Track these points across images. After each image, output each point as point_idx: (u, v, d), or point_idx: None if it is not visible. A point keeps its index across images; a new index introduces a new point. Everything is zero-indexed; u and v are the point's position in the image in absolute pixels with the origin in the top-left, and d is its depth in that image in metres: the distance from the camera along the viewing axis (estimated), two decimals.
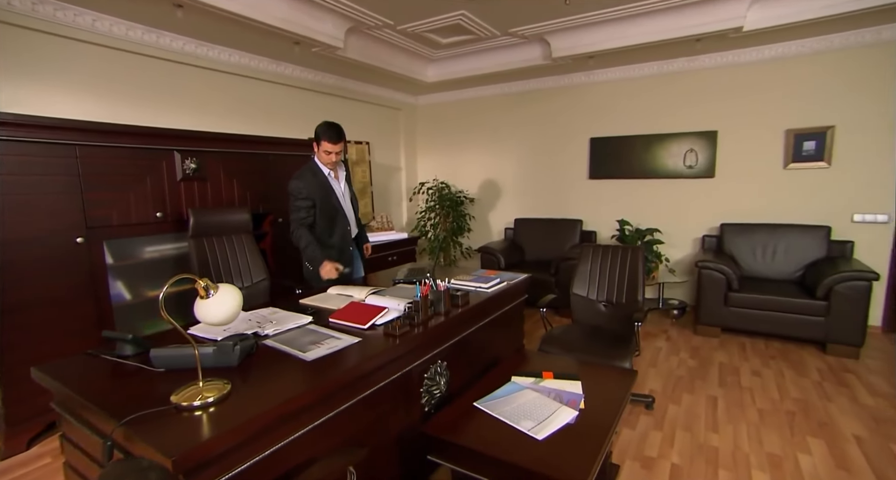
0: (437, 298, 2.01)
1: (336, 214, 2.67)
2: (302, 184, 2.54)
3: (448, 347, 2.00)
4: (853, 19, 3.35)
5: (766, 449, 2.19)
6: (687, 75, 4.32)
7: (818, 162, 3.89)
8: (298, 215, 2.55)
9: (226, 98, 3.77)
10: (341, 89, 4.79)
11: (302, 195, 2.53)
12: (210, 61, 3.59)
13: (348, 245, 2.76)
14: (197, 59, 3.51)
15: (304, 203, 2.54)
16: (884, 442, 2.23)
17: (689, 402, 2.66)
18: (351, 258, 2.82)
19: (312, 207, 2.56)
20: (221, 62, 3.67)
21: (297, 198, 2.54)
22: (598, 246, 2.89)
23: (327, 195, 2.61)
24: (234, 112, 3.82)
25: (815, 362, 3.20)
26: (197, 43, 3.46)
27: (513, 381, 1.93)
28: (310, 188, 2.54)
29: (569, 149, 5.00)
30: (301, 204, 2.54)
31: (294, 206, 2.55)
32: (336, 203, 2.67)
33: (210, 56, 3.58)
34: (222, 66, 3.68)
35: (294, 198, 2.54)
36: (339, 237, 2.69)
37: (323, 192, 2.59)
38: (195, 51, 3.48)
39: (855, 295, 3.16)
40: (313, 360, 1.46)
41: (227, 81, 3.76)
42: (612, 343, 2.47)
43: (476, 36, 4.08)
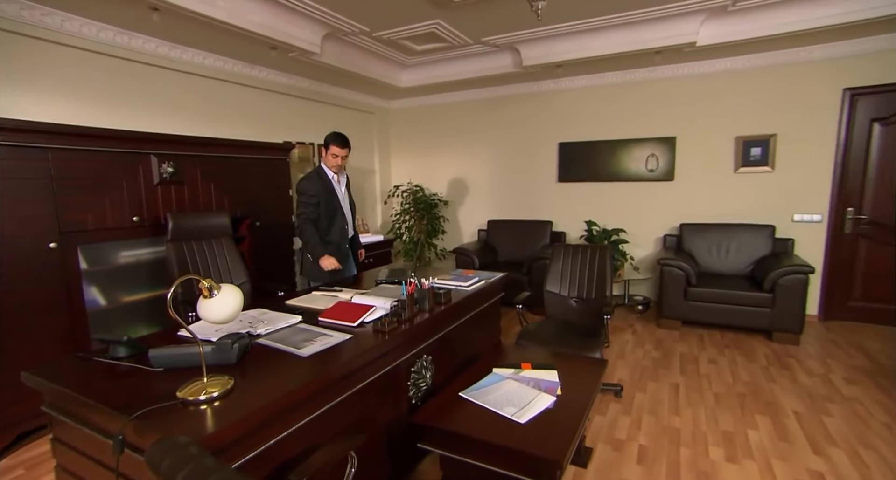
0: (421, 296, 2.11)
1: (336, 214, 2.94)
2: (310, 184, 2.83)
3: (433, 342, 2.11)
4: (789, 39, 3.69)
5: (721, 428, 2.41)
6: (648, 84, 4.60)
7: (763, 166, 4.23)
8: (305, 210, 2.81)
9: (201, 101, 3.74)
10: (316, 93, 4.82)
11: (310, 192, 2.82)
12: (184, 64, 3.57)
13: (344, 243, 3.03)
14: (171, 61, 3.48)
15: (311, 200, 2.82)
16: (817, 416, 2.51)
17: (653, 389, 2.87)
18: (346, 256, 3.06)
19: (317, 205, 2.84)
20: (195, 65, 3.65)
21: (306, 195, 2.82)
22: (568, 245, 3.07)
23: (330, 196, 2.89)
24: (210, 115, 3.80)
25: (762, 349, 3.49)
26: (170, 45, 3.43)
27: (494, 372, 2.05)
28: (316, 187, 2.83)
29: (538, 153, 5.21)
30: (308, 200, 2.81)
31: (301, 202, 2.82)
32: (337, 204, 2.95)
33: (184, 59, 3.55)
34: (196, 68, 3.66)
35: (303, 195, 2.82)
36: (338, 235, 2.96)
37: (326, 193, 2.87)
38: (168, 53, 3.45)
39: (795, 287, 3.48)
40: (310, 356, 1.54)
41: (201, 84, 3.74)
42: (583, 335, 2.64)
43: (450, 44, 4.21)
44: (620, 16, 3.56)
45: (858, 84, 3.84)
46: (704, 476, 2.04)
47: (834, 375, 3.01)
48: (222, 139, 3.38)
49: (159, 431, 1.09)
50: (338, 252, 2.92)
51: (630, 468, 2.10)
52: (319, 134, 4.92)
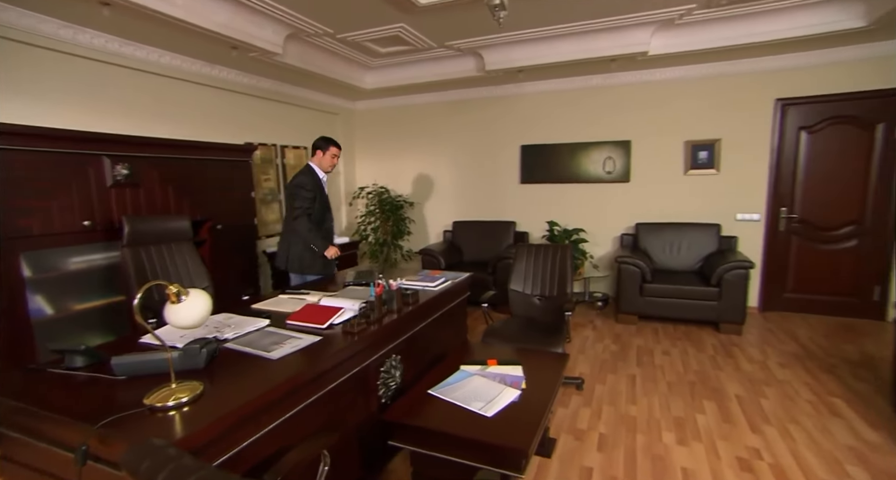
0: (389, 297, 2.15)
1: (325, 212, 3.14)
2: (307, 180, 2.99)
3: (401, 342, 2.15)
4: (730, 52, 3.97)
5: (672, 414, 2.58)
6: (605, 90, 4.81)
7: (710, 169, 4.53)
8: (303, 205, 2.95)
9: (157, 100, 3.60)
10: (278, 93, 4.74)
11: (308, 188, 2.97)
12: (137, 61, 3.43)
13: (331, 237, 3.24)
14: (123, 58, 3.34)
15: (309, 195, 2.97)
16: (755, 398, 2.74)
17: (612, 381, 3.02)
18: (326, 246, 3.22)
19: (314, 200, 3.00)
20: (150, 63, 3.51)
21: (305, 190, 2.96)
22: (531, 245, 3.19)
23: (321, 193, 3.10)
24: (167, 115, 3.66)
25: (710, 340, 3.74)
26: (122, 41, 3.29)
27: (462, 369, 2.12)
28: (312, 183, 3.00)
29: (502, 155, 5.33)
30: (307, 195, 2.96)
31: (300, 197, 2.95)
32: (326, 202, 3.17)
33: (138, 56, 3.41)
34: (152, 66, 3.52)
35: (302, 189, 2.96)
36: (326, 229, 3.16)
37: (319, 190, 3.07)
38: (120, 50, 3.30)
39: (738, 281, 3.75)
40: (279, 359, 1.55)
41: (158, 83, 3.60)
42: (546, 332, 2.76)
43: (414, 47, 4.25)
44: (578, 24, 3.73)
45: (788, 95, 4.18)
46: (658, 459, 2.19)
47: (770, 361, 3.27)
48: (182, 140, 3.28)
49: (128, 439, 1.08)
50: (320, 243, 3.07)
51: (591, 455, 2.22)
52: (282, 135, 4.86)
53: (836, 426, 2.43)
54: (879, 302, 4.13)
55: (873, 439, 2.32)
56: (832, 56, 3.97)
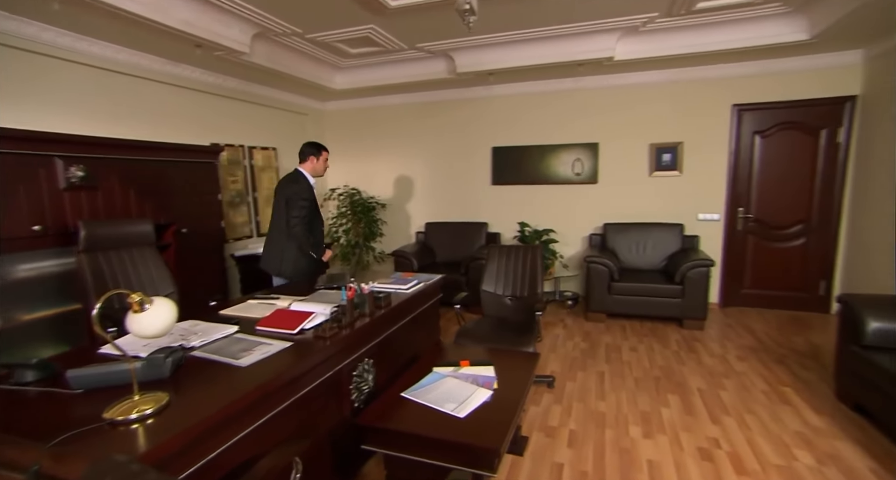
0: (361, 301, 2.14)
1: (316, 216, 3.12)
2: (303, 188, 2.99)
3: (374, 346, 2.15)
4: (690, 59, 4.14)
5: (639, 408, 2.67)
6: (573, 94, 4.92)
7: (673, 171, 4.71)
8: (301, 213, 2.93)
9: (115, 99, 3.45)
10: (245, 93, 4.63)
11: (304, 196, 2.96)
12: (92, 57, 3.28)
13: (322, 241, 3.25)
14: (75, 53, 3.18)
15: (306, 203, 2.96)
16: (715, 391, 2.88)
17: (582, 378, 3.11)
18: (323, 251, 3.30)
19: (309, 208, 3.01)
20: (107, 59, 3.37)
21: (302, 199, 2.94)
22: (502, 246, 3.24)
23: (314, 200, 3.10)
24: (127, 115, 3.52)
25: (674, 335, 3.90)
26: (75, 36, 3.13)
27: (434, 371, 2.13)
28: (307, 191, 3.00)
29: (473, 156, 5.38)
30: (304, 203, 2.95)
31: (298, 206, 2.93)
32: (317, 207, 3.15)
33: (93, 52, 3.27)
34: (108, 63, 3.38)
35: (299, 198, 2.93)
36: (319, 235, 3.17)
37: (311, 195, 3.06)
38: (73, 45, 3.15)
39: (699, 279, 3.92)
40: (248, 366, 1.52)
41: (115, 81, 3.45)
42: (517, 332, 2.80)
43: (385, 48, 4.24)
44: (547, 29, 3.81)
45: (743, 101, 4.40)
46: (625, 452, 2.26)
47: (729, 354, 3.44)
48: (143, 141, 3.16)
49: (87, 456, 1.05)
50: (318, 250, 3.14)
51: (562, 452, 2.28)
52: (249, 135, 4.74)
53: (786, 413, 2.58)
54: (824, 296, 4.40)
55: (817, 423, 2.48)
56: (782, 66, 4.20)
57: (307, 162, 3.11)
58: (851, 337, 2.56)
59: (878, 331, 2.44)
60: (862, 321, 2.47)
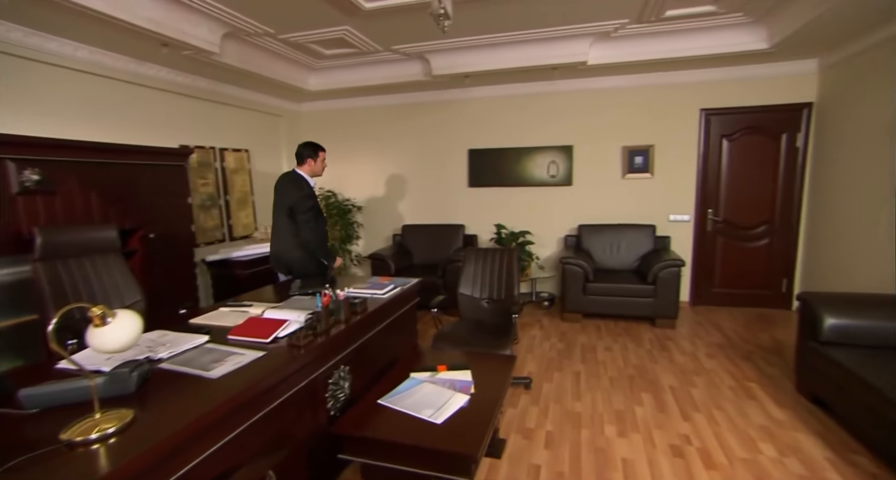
0: (337, 307, 2.12)
1: (319, 215, 3.13)
2: (306, 192, 3.01)
3: (350, 352, 2.13)
4: (661, 64, 4.25)
5: (614, 407, 2.73)
6: (548, 97, 4.99)
7: (645, 173, 4.83)
8: (307, 217, 2.97)
9: (74, 99, 3.30)
10: (216, 94, 4.51)
11: (310, 199, 3.00)
12: (47, 54, 3.11)
13: (326, 241, 3.30)
14: (28, 50, 3.00)
15: (311, 203, 3.00)
16: (686, 388, 2.96)
17: (558, 379, 3.15)
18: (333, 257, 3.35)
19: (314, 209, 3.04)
20: (64, 56, 3.21)
21: (308, 202, 2.98)
22: (479, 249, 3.25)
23: (316, 200, 3.13)
24: (90, 116, 3.37)
25: (647, 334, 4.00)
26: (26, 30, 2.95)
27: (411, 377, 2.12)
28: (312, 196, 3.04)
29: (450, 159, 5.39)
30: (310, 204, 2.99)
31: (304, 208, 2.96)
32: (319, 208, 3.16)
33: (49, 48, 3.11)
34: (66, 60, 3.22)
35: (306, 202, 2.97)
36: (322, 234, 3.17)
37: (315, 200, 3.10)
38: (24, 40, 2.97)
39: (671, 279, 4.03)
40: (219, 378, 1.48)
41: (74, 80, 3.30)
42: (494, 334, 2.82)
43: (360, 50, 4.20)
44: (522, 33, 3.85)
45: (711, 106, 4.55)
46: (601, 452, 2.31)
47: (699, 352, 3.55)
48: (106, 143, 3.03)
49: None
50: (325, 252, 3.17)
51: (539, 453, 2.30)
52: (221, 137, 4.62)
53: (751, 408, 2.68)
54: (786, 293, 4.59)
55: (780, 417, 2.58)
56: (745, 72, 4.37)
57: (305, 164, 3.12)
58: (810, 333, 2.68)
59: (834, 328, 2.56)
60: (819, 318, 2.58)
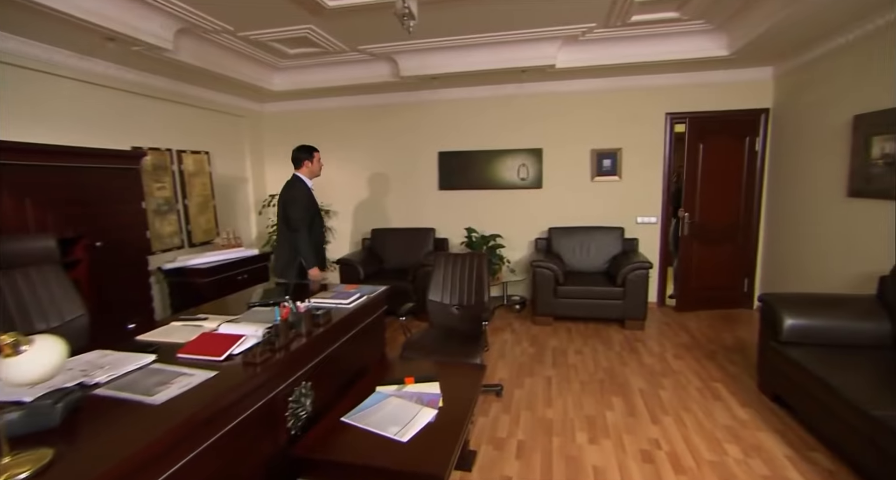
0: (297, 319, 2.01)
1: (315, 217, 3.21)
2: (300, 193, 3.10)
3: (312, 367, 2.02)
4: (628, 68, 4.32)
5: (585, 413, 2.72)
6: (517, 99, 4.99)
7: (613, 176, 4.89)
8: (298, 216, 3.04)
9: (5, 96, 3.03)
10: (172, 93, 4.28)
11: (302, 200, 3.07)
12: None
13: (323, 243, 3.39)
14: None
15: (302, 205, 3.05)
16: (655, 391, 2.99)
17: (530, 385, 3.12)
18: (324, 255, 3.46)
19: (309, 211, 3.11)
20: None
21: (301, 203, 3.06)
22: (448, 254, 3.20)
23: (312, 201, 3.20)
24: (22, 115, 3.11)
25: (617, 336, 4.03)
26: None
27: (377, 391, 2.04)
28: (305, 194, 3.11)
29: (420, 161, 5.32)
30: (301, 206, 3.05)
31: (294, 209, 3.05)
32: (316, 209, 3.24)
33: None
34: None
35: (298, 203, 3.06)
36: (317, 236, 3.24)
37: (310, 199, 3.17)
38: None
39: (639, 280, 4.08)
40: (164, 403, 1.36)
41: (5, 74, 3.03)
42: (464, 342, 2.77)
43: (325, 49, 4.08)
44: (491, 35, 3.82)
45: (675, 110, 4.65)
46: (572, 460, 2.28)
47: (667, 353, 3.60)
48: (41, 145, 2.81)
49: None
50: (317, 252, 3.23)
51: (510, 464, 2.26)
52: (179, 139, 4.40)
53: (717, 408, 2.73)
54: (748, 292, 4.74)
55: (743, 416, 2.63)
56: (707, 78, 4.49)
57: (302, 167, 3.20)
58: (771, 333, 2.74)
59: (794, 328, 2.62)
60: (779, 319, 2.65)
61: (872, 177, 3.07)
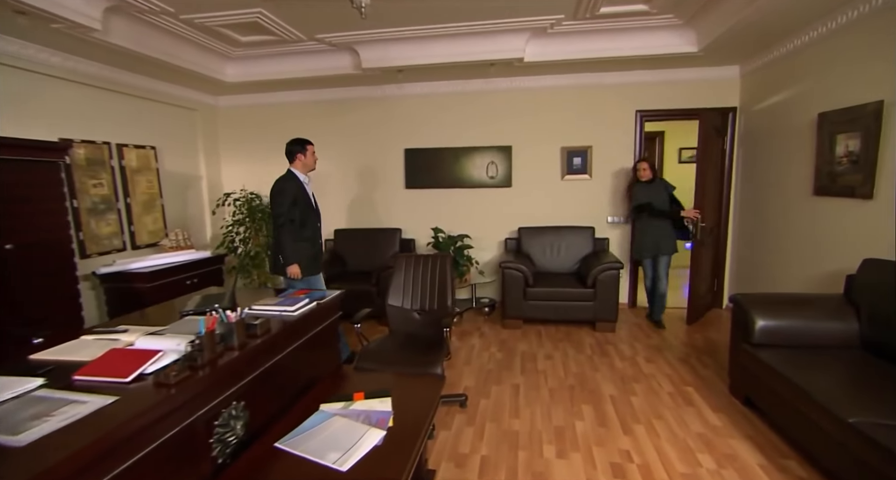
0: (227, 331, 1.76)
1: (309, 213, 3.15)
2: (287, 185, 3.05)
3: (246, 384, 1.78)
4: (598, 64, 4.22)
5: (553, 424, 2.56)
6: (486, 95, 4.83)
7: (584, 174, 4.79)
8: (279, 211, 3.00)
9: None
10: (110, 81, 3.91)
11: (288, 193, 3.01)
12: None
13: (318, 239, 3.29)
14: None
15: (286, 200, 3.00)
16: (626, 397, 2.86)
17: (496, 393, 2.95)
18: (321, 251, 3.35)
19: (295, 205, 3.04)
20: None
21: (283, 195, 3.00)
22: (409, 255, 2.99)
23: (304, 196, 3.13)
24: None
25: (588, 339, 3.91)
26: None
27: (321, 410, 1.82)
28: (292, 188, 3.04)
29: (386, 159, 5.09)
30: (283, 200, 2.99)
31: (276, 204, 3.01)
32: (309, 203, 3.18)
33: None
34: None
35: (282, 195, 3.00)
36: (312, 232, 3.19)
37: (301, 194, 3.10)
38: None
39: (609, 281, 3.97)
40: (31, 443, 1.10)
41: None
42: (425, 350, 2.56)
43: (280, 37, 3.81)
44: (456, 26, 3.65)
45: (645, 107, 4.59)
46: (539, 476, 2.11)
47: (639, 356, 3.49)
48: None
49: None
50: (313, 249, 3.18)
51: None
52: (119, 131, 4.03)
53: (689, 415, 2.62)
54: (717, 291, 4.72)
55: (716, 423, 2.53)
56: (676, 76, 4.45)
57: (296, 160, 3.16)
58: (742, 334, 2.65)
59: (765, 329, 2.54)
60: (751, 320, 2.56)
61: (837, 175, 3.04)
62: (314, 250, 3.21)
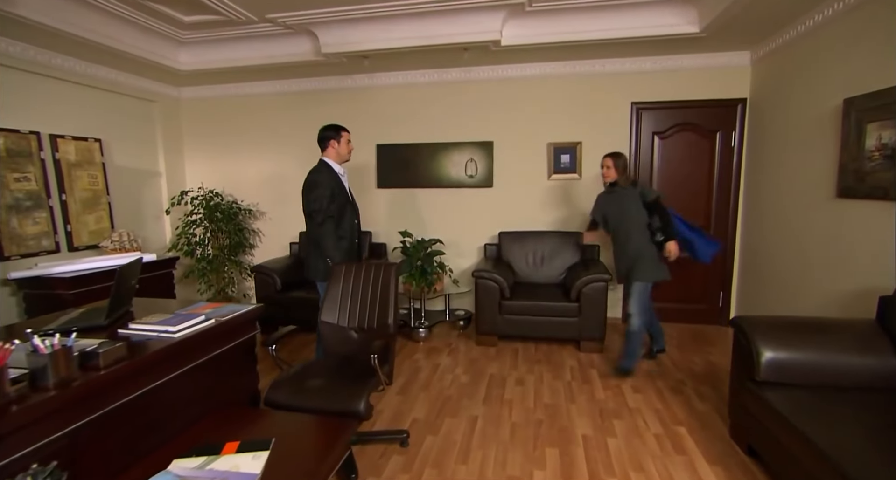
0: (39, 366, 1.33)
1: (346, 207, 2.86)
2: (322, 177, 2.76)
3: (66, 435, 1.34)
4: (586, 49, 3.75)
5: (507, 473, 2.08)
6: (465, 86, 4.38)
7: (572, 173, 4.30)
8: (317, 207, 2.71)
9: None
10: (40, 64, 3.52)
11: (323, 185, 2.73)
12: None
13: (355, 236, 2.97)
14: None
15: (326, 192, 2.72)
16: (603, 438, 2.36)
17: (448, 428, 2.47)
18: (359, 247, 3.05)
19: (332, 199, 2.75)
20: None
21: (320, 189, 2.72)
22: (346, 263, 2.54)
23: (340, 188, 2.84)
24: None
25: (570, 361, 3.41)
26: None
27: (168, 471, 1.37)
28: (328, 180, 2.76)
29: (356, 156, 4.52)
30: (322, 193, 2.71)
31: (312, 199, 2.72)
32: (346, 197, 2.88)
33: None
34: None
35: (318, 189, 2.72)
36: (349, 227, 2.89)
37: (337, 186, 2.81)
38: None
39: (596, 295, 3.47)
40: None
41: None
42: (355, 378, 2.10)
43: (227, 17, 3.41)
44: (421, 4, 3.21)
45: (642, 99, 4.09)
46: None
47: (625, 384, 2.98)
48: None
49: None
50: (350, 246, 2.90)
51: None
52: (51, 121, 3.64)
53: (678, 467, 2.11)
54: (723, 307, 4.18)
55: (711, 479, 2.02)
56: (677, 63, 3.95)
57: (329, 148, 2.87)
58: (745, 369, 2.15)
59: (773, 363, 2.04)
60: (756, 352, 2.06)
61: (867, 172, 2.52)
62: (350, 248, 2.90)
